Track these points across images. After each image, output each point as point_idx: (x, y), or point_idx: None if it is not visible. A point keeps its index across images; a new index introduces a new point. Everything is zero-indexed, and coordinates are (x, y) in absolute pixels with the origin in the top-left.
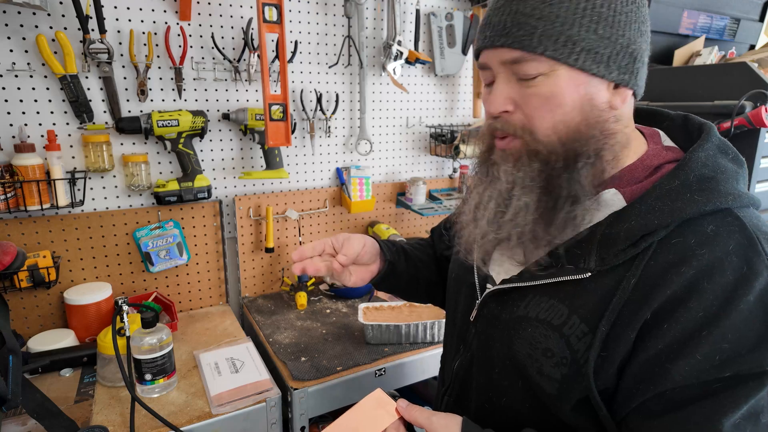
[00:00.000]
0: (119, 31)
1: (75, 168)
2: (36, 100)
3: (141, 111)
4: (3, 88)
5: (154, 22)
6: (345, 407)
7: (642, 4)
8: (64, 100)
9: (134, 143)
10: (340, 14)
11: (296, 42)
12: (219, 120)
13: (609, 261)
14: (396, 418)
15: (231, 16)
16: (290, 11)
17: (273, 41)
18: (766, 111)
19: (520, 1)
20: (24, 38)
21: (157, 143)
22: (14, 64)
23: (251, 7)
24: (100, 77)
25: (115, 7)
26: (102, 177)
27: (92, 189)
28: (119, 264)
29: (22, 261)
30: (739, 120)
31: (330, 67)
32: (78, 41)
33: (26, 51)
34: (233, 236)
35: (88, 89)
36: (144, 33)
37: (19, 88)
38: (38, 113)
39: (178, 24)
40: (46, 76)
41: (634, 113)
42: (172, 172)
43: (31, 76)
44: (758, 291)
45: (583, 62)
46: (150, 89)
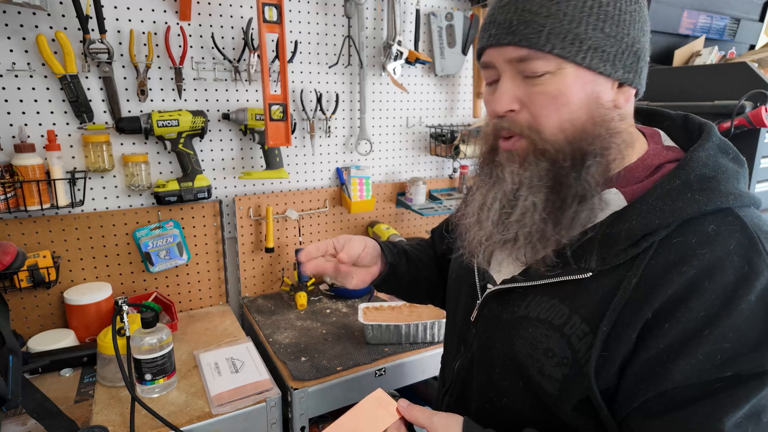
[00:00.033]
0: (119, 31)
1: (75, 168)
2: (36, 100)
3: (141, 111)
4: (3, 88)
5: (154, 22)
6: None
7: (643, 4)
8: (64, 100)
9: (134, 143)
10: (340, 14)
11: (296, 42)
12: (219, 120)
13: (610, 261)
14: (397, 418)
15: (231, 16)
16: (290, 11)
17: (273, 41)
18: (766, 111)
19: (527, 0)
20: (24, 38)
21: (157, 143)
22: (14, 64)
23: (251, 7)
24: (100, 77)
25: (115, 7)
26: (102, 177)
27: (92, 189)
28: (119, 264)
29: (22, 261)
30: (739, 120)
31: (330, 67)
32: (78, 41)
33: (26, 51)
34: (233, 236)
35: (88, 89)
36: (144, 33)
37: (19, 88)
38: (38, 113)
39: (178, 24)
40: (46, 76)
41: (634, 113)
42: (172, 172)
43: (31, 76)
44: (759, 290)
45: (590, 60)
46: (150, 89)
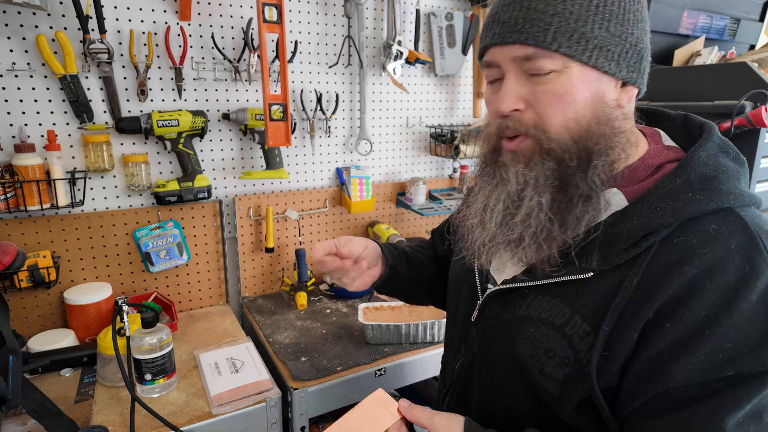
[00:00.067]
0: (119, 31)
1: (75, 168)
2: (36, 100)
3: (141, 111)
4: (3, 88)
5: (154, 22)
6: (345, 407)
7: (644, 4)
8: (64, 100)
9: (134, 143)
10: (340, 14)
11: (296, 42)
12: (219, 120)
13: (611, 260)
14: (398, 418)
15: (231, 16)
16: (290, 11)
17: (273, 41)
18: (766, 111)
19: None
20: (24, 38)
21: (157, 143)
22: (14, 64)
23: (251, 7)
24: (100, 77)
25: (115, 7)
26: (102, 177)
27: (92, 189)
28: (119, 264)
29: (22, 261)
30: (739, 120)
31: (330, 67)
32: (78, 41)
33: (26, 51)
34: (233, 236)
35: (88, 89)
36: (144, 33)
37: (19, 88)
38: (38, 113)
39: (178, 24)
40: (46, 76)
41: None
42: (172, 172)
43: (31, 76)
44: (760, 290)
45: (596, 60)
46: (150, 89)
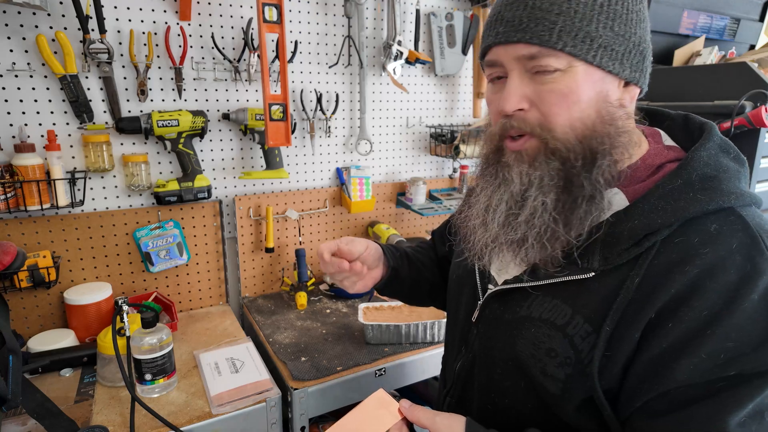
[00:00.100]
0: (119, 31)
1: (75, 168)
2: (36, 100)
3: (141, 111)
4: (3, 88)
5: (154, 22)
6: (345, 407)
7: (645, 4)
8: (64, 100)
9: (134, 143)
10: (340, 14)
11: (296, 42)
12: (219, 120)
13: (612, 260)
14: (399, 419)
15: (231, 16)
16: (290, 11)
17: (273, 41)
18: (766, 111)
19: None
20: (24, 38)
21: (157, 143)
22: (14, 64)
23: (251, 7)
24: (100, 77)
25: (115, 7)
26: (102, 177)
27: (92, 189)
28: (119, 264)
29: (22, 261)
30: (739, 120)
31: (330, 67)
32: (78, 41)
33: (26, 51)
34: (233, 236)
35: (88, 89)
36: (144, 33)
37: (19, 88)
38: (38, 113)
39: (178, 24)
40: (46, 76)
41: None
42: (172, 172)
43: (31, 76)
44: (762, 290)
45: (601, 59)
46: (150, 89)
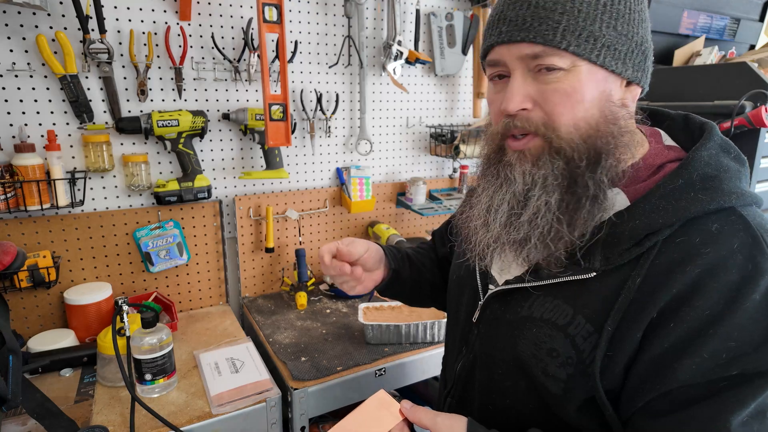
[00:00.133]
0: (119, 31)
1: (75, 168)
2: (36, 100)
3: (141, 111)
4: (3, 88)
5: (154, 22)
6: (345, 407)
7: (646, 5)
8: (64, 100)
9: (134, 143)
10: (340, 14)
11: (296, 42)
12: (219, 120)
13: (614, 260)
14: (400, 420)
15: (231, 16)
16: (290, 11)
17: (273, 41)
18: (766, 111)
19: None
20: (24, 38)
21: (157, 143)
22: (14, 64)
23: (251, 7)
24: (100, 77)
25: (115, 7)
26: (102, 177)
27: (92, 189)
28: (119, 264)
29: (22, 261)
30: (739, 120)
31: (330, 67)
32: (78, 41)
33: (26, 51)
34: (233, 236)
35: (88, 89)
36: (144, 33)
37: (19, 88)
38: (38, 113)
39: (178, 24)
40: (46, 76)
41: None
42: (172, 172)
43: (31, 76)
44: (764, 289)
45: (604, 58)
46: (150, 89)
